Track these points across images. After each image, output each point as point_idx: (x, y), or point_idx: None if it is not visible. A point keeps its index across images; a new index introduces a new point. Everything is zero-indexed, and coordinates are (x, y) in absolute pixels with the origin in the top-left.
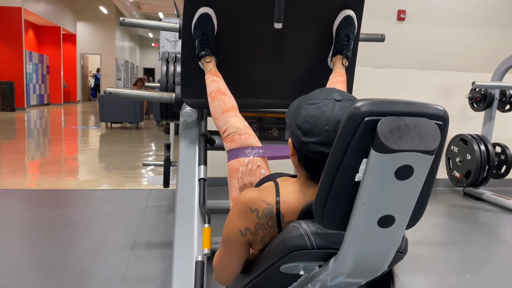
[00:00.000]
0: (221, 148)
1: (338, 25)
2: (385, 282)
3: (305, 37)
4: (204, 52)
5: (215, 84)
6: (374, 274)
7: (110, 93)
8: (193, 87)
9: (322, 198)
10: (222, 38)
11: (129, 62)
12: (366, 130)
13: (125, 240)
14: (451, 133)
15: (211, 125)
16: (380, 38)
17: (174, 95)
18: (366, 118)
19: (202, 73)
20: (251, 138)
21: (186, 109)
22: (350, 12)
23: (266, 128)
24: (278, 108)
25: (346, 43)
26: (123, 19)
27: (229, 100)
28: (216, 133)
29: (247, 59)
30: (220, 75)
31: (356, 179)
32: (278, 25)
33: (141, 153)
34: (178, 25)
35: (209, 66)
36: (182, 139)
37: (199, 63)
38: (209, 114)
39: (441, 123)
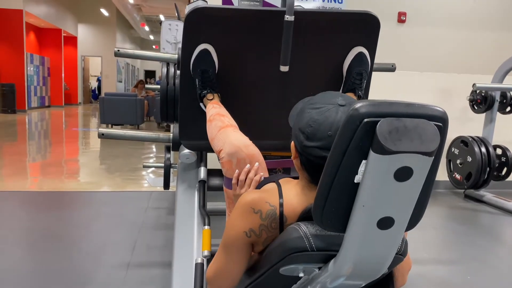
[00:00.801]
0: (221, 188)
1: (349, 64)
2: (385, 284)
3: (313, 75)
4: (206, 91)
5: (215, 109)
6: (373, 276)
7: (102, 134)
8: (192, 128)
9: (321, 200)
10: (224, 76)
11: (130, 64)
12: (365, 131)
13: (126, 242)
14: (451, 135)
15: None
16: (391, 68)
17: (171, 135)
18: (365, 120)
19: (201, 114)
20: (252, 164)
21: (185, 151)
22: (363, 49)
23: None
24: (285, 150)
25: (359, 82)
26: (118, 50)
27: (229, 120)
28: (216, 171)
29: (250, 100)
30: (221, 105)
31: (355, 181)
32: (284, 68)
33: (142, 155)
34: (176, 55)
35: (212, 99)
36: (179, 183)
37: (201, 103)
38: (211, 149)
39: (440, 124)
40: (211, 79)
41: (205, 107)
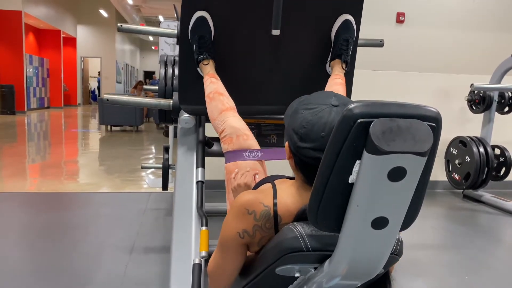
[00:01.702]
0: (220, 154)
1: (336, 30)
2: (381, 284)
3: (303, 42)
4: (202, 56)
5: (213, 85)
6: (369, 276)
7: (107, 99)
8: (191, 94)
9: (316, 200)
10: (219, 42)
11: (130, 65)
12: (359, 132)
13: (124, 243)
14: (450, 135)
15: (209, 131)
16: (379, 43)
17: (171, 101)
18: (359, 120)
19: (200, 79)
20: (249, 140)
21: (184, 115)
22: (349, 17)
23: (265, 135)
24: (277, 114)
25: (345, 47)
26: (121, 25)
27: (227, 101)
28: (214, 139)
29: (244, 65)
30: (218, 77)
31: (349, 181)
32: (275, 32)
33: (141, 156)
34: (176, 30)
35: (207, 69)
36: (180, 145)
37: (198, 68)
38: (207, 120)
39: (434, 124)
40: (207, 44)
41: (202, 71)
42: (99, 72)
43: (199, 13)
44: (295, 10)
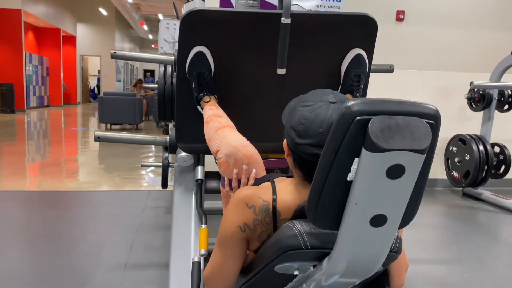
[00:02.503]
0: (218, 191)
1: (347, 66)
2: (380, 282)
3: (310, 78)
4: (202, 94)
5: (212, 111)
6: (368, 274)
7: (99, 137)
8: (189, 132)
9: (314, 198)
10: (220, 79)
11: (129, 63)
12: (357, 129)
13: (124, 241)
14: (450, 133)
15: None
16: (389, 70)
17: (168, 138)
18: (357, 118)
19: (198, 117)
20: (250, 164)
21: (181, 154)
22: (360, 51)
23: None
24: (282, 152)
25: (357, 84)
26: (114, 52)
27: (226, 121)
28: (213, 174)
29: (247, 102)
30: (218, 106)
31: (348, 179)
32: (281, 71)
33: (141, 154)
34: (173, 57)
35: (208, 101)
36: (177, 185)
37: (198, 106)
38: (208, 152)
39: (432, 122)
40: (207, 81)
41: (202, 109)
42: (98, 71)
43: (197, 49)
44: (302, 47)
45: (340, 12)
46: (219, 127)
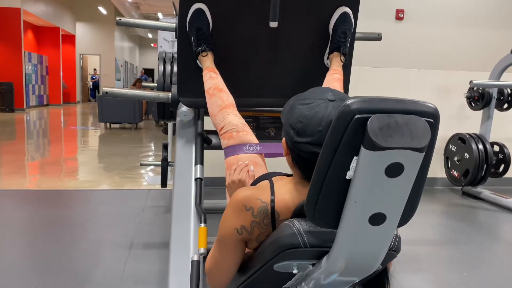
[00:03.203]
0: (218, 147)
1: (334, 23)
2: (379, 280)
3: (302, 35)
4: (201, 48)
5: (213, 81)
6: (367, 272)
7: (106, 92)
8: (190, 86)
9: (313, 196)
10: (218, 35)
11: (129, 62)
12: (356, 127)
13: (123, 240)
14: (449, 132)
15: (207, 125)
16: (377, 37)
17: (170, 94)
18: (356, 116)
19: (198, 72)
20: (248, 135)
21: (183, 108)
22: (347, 9)
23: (263, 128)
24: (275, 107)
25: (343, 40)
26: (120, 19)
27: (227, 97)
28: (213, 132)
29: (242, 58)
30: (217, 71)
31: (347, 177)
32: (273, 24)
33: (140, 153)
34: (174, 24)
35: (207, 62)
36: (178, 138)
37: (197, 60)
38: (206, 114)
39: (431, 120)
40: (206, 36)
41: (201, 63)
42: (94, 69)
43: (196, 5)
44: (293, 2)
45: None
46: (222, 106)
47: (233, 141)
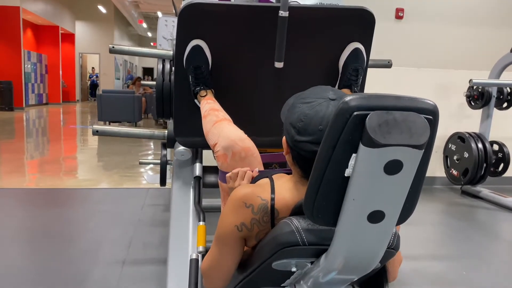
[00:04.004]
0: (216, 185)
1: (345, 59)
2: (378, 278)
3: (308, 71)
4: (199, 88)
5: (209, 105)
6: (365, 270)
7: (97, 131)
8: (187, 126)
9: (312, 194)
10: (217, 72)
11: (128, 61)
12: (355, 124)
13: (122, 239)
14: (449, 131)
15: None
16: (387, 65)
17: (166, 132)
18: (355, 113)
19: (196, 110)
20: (247, 158)
21: (180, 148)
22: (359, 45)
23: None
24: (279, 147)
25: (355, 78)
26: (113, 46)
27: (223, 114)
28: (212, 168)
29: (244, 95)
30: (215, 100)
31: (345, 174)
32: (279, 65)
33: (140, 152)
34: (171, 52)
35: (205, 95)
36: (175, 179)
37: (195, 100)
38: (206, 146)
39: (430, 117)
40: (204, 75)
41: (199, 103)
42: (93, 68)
43: (194, 42)
44: (300, 40)
45: (338, 6)
46: (216, 121)
47: (227, 167)
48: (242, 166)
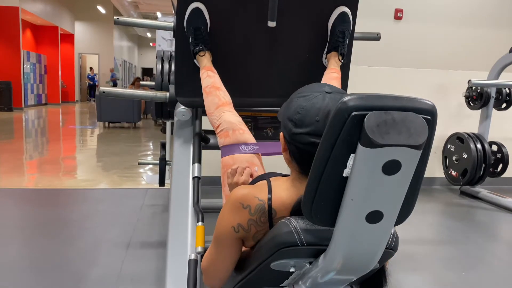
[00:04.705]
0: (216, 147)
1: (333, 22)
2: (377, 279)
3: (300, 34)
4: (198, 47)
5: (210, 79)
6: (364, 270)
7: (103, 92)
8: (187, 86)
9: (310, 194)
10: (215, 34)
11: (128, 62)
12: (353, 124)
13: (121, 239)
14: (447, 132)
15: (205, 125)
16: (376, 37)
17: (168, 94)
18: (353, 113)
19: (196, 72)
20: (245, 134)
21: (180, 108)
22: (345, 9)
23: (261, 127)
24: (273, 107)
25: (342, 40)
26: (117, 18)
27: (224, 95)
28: (211, 132)
29: (240, 57)
30: (215, 70)
31: (344, 175)
32: (271, 24)
33: (139, 153)
34: (172, 23)
35: (204, 61)
36: (176, 138)
37: (194, 60)
38: (203, 113)
39: (429, 117)
40: (203, 36)
41: (198, 63)
42: (91, 68)
43: (194, 5)
44: (291, 4)
45: None
46: (219, 104)
47: (229, 140)
48: (241, 141)
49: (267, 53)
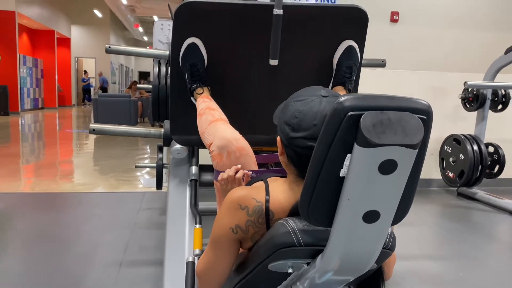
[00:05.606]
0: (211, 184)
1: (339, 57)
2: (374, 279)
3: (303, 70)
4: (195, 85)
5: (205, 103)
6: (361, 271)
7: (93, 130)
8: (183, 123)
9: (307, 195)
10: (213, 70)
11: (124, 65)
12: (349, 124)
13: (118, 243)
14: (444, 133)
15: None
16: (381, 64)
17: (162, 130)
18: (349, 113)
19: (192, 108)
20: (241, 157)
21: (176, 146)
22: (352, 43)
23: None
24: (275, 145)
25: (349, 75)
26: (109, 46)
27: (219, 114)
28: (208, 167)
29: (240, 93)
30: (211, 99)
31: (340, 175)
32: (274, 62)
33: (136, 156)
34: (167, 52)
35: (202, 94)
36: (171, 177)
37: (191, 98)
38: (202, 146)
39: (424, 117)
40: (200, 72)
41: (196, 101)
42: (85, 71)
43: (190, 40)
44: (294, 38)
45: (332, 4)
46: (212, 121)
47: (223, 166)
48: (237, 165)
49: (268, 89)
